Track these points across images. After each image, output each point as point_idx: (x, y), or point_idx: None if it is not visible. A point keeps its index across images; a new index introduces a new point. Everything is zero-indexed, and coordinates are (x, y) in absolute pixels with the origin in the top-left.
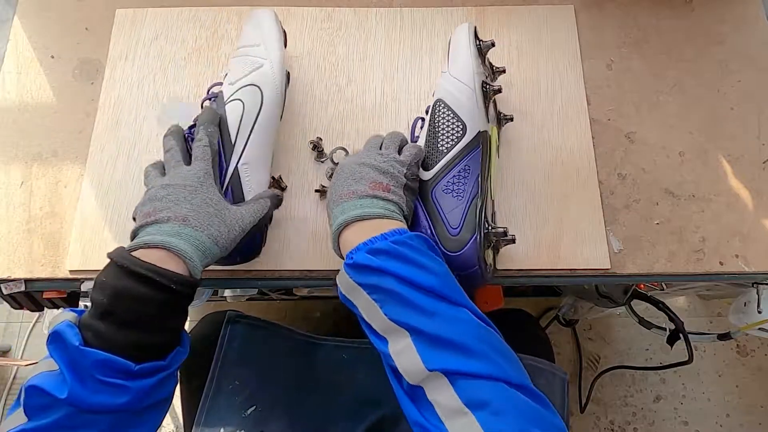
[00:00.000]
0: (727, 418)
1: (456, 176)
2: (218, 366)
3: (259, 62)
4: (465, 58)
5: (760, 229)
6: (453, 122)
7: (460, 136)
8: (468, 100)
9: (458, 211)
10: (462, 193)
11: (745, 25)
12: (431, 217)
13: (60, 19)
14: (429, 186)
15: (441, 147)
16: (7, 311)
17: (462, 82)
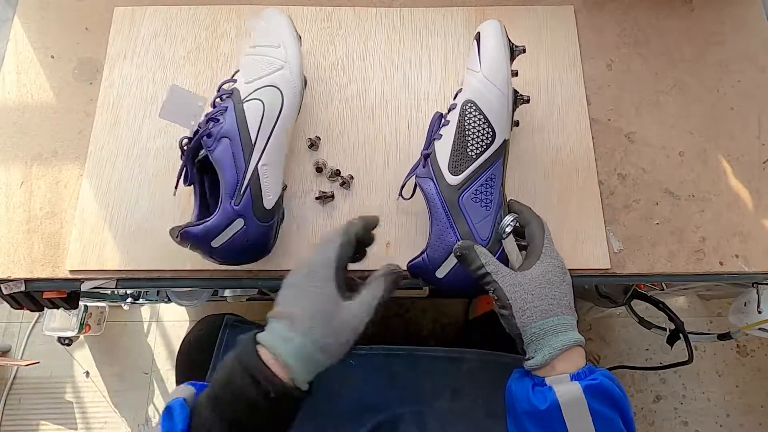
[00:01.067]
0: (727, 418)
1: (484, 185)
2: (214, 371)
3: (279, 64)
4: (500, 61)
5: (760, 229)
6: (483, 127)
7: (489, 142)
8: (500, 106)
9: (487, 222)
10: (490, 203)
11: (745, 26)
12: (458, 226)
13: (60, 19)
14: (456, 191)
15: (470, 152)
16: (7, 311)
17: (495, 85)
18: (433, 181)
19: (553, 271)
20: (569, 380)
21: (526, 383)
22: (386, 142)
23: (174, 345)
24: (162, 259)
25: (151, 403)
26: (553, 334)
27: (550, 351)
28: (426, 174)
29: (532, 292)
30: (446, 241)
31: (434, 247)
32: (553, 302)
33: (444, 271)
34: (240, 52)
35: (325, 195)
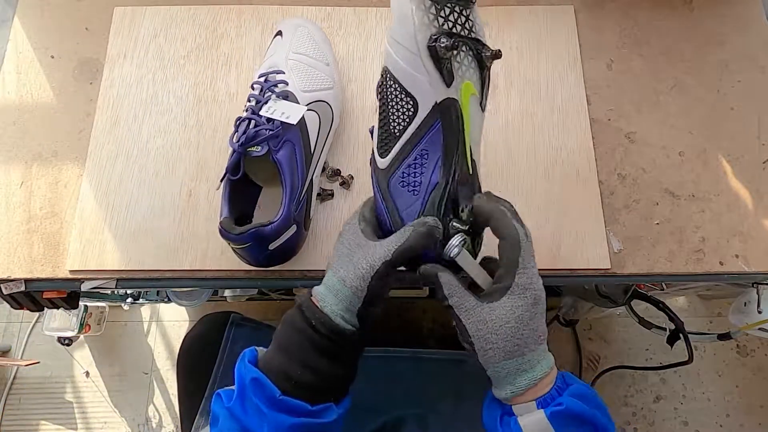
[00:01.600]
0: (727, 418)
1: (411, 165)
2: (221, 368)
3: (330, 82)
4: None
5: (760, 229)
6: (401, 97)
7: (412, 114)
8: (413, 68)
9: (414, 209)
10: (417, 186)
11: (745, 26)
12: (389, 214)
13: (60, 19)
14: (386, 175)
15: (394, 129)
16: (7, 311)
17: (403, 45)
18: (371, 164)
19: (524, 306)
20: (535, 408)
21: (494, 411)
22: None
23: (174, 345)
24: (162, 259)
25: (151, 403)
26: (516, 374)
27: (512, 390)
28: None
29: (497, 332)
30: (384, 231)
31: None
32: (519, 342)
33: None
34: (269, 49)
35: (325, 192)
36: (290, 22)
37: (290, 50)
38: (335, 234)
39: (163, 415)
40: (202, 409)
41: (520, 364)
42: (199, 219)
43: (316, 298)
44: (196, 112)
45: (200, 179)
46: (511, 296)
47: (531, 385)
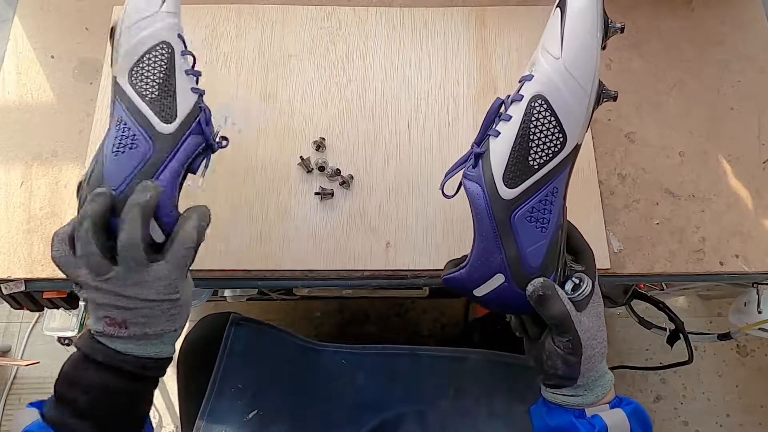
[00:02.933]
0: (727, 418)
1: (542, 201)
2: (221, 368)
3: None
4: (589, 48)
5: (760, 229)
6: (553, 131)
7: (558, 150)
8: (579, 106)
9: (540, 247)
10: (546, 224)
11: (745, 26)
12: (506, 248)
13: (60, 19)
14: (509, 207)
15: (532, 161)
16: (7, 311)
17: (578, 80)
18: (483, 190)
19: (601, 308)
20: (609, 409)
21: (565, 415)
22: (386, 142)
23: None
24: None
25: None
26: (603, 376)
27: (602, 391)
28: (475, 177)
29: (595, 337)
30: (490, 262)
31: (476, 265)
32: (603, 343)
33: (484, 291)
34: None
35: (324, 192)
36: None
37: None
38: (336, 234)
39: (163, 415)
40: (202, 410)
41: (603, 367)
42: None
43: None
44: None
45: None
46: (594, 303)
47: (610, 386)
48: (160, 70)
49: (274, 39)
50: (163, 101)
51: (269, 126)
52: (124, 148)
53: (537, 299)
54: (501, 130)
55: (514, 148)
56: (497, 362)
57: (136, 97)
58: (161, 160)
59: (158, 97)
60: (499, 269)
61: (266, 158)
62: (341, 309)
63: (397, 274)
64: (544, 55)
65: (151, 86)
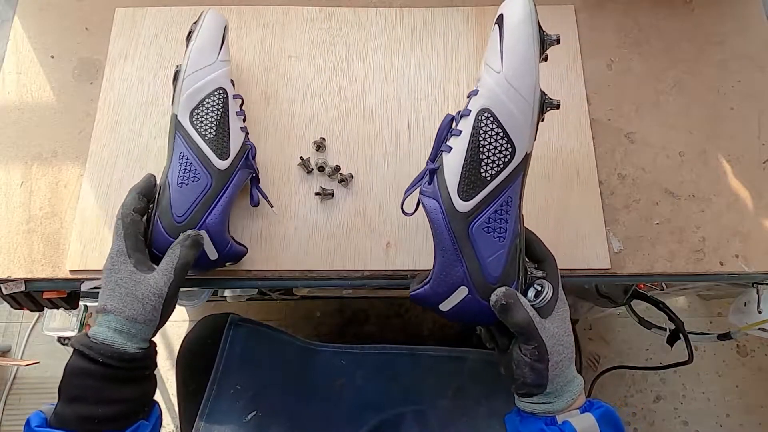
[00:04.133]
0: (727, 418)
1: (498, 211)
2: (220, 369)
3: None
4: (527, 60)
5: (760, 229)
6: (501, 142)
7: (508, 160)
8: (523, 117)
9: (499, 256)
10: (503, 233)
11: (745, 25)
12: (466, 260)
13: (60, 19)
14: (466, 220)
15: (484, 173)
16: (7, 311)
17: (519, 92)
18: (440, 205)
19: (567, 313)
20: (579, 414)
21: (537, 423)
22: (386, 142)
23: (174, 345)
24: None
25: None
26: (572, 382)
27: (571, 396)
28: (431, 193)
29: (561, 342)
30: (453, 275)
31: (439, 279)
32: (570, 348)
33: (449, 305)
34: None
35: (324, 192)
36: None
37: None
38: (336, 234)
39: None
40: (201, 411)
41: (571, 372)
42: None
43: (104, 341)
44: None
45: None
46: (559, 309)
47: (580, 391)
48: (217, 112)
49: (275, 40)
50: (219, 140)
51: (269, 126)
52: (188, 180)
53: (500, 308)
54: (452, 145)
55: (466, 161)
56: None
57: (197, 136)
58: (218, 192)
59: (215, 137)
60: (461, 282)
61: (266, 158)
62: (341, 309)
63: (397, 274)
64: (487, 71)
65: (210, 127)
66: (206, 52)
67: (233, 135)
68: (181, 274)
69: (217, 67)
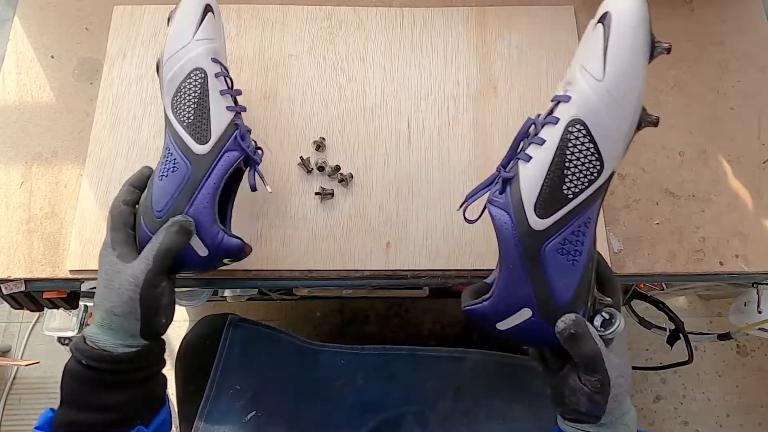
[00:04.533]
0: (727, 418)
1: (575, 232)
2: (219, 369)
3: None
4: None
5: (760, 229)
6: (590, 158)
7: (594, 178)
8: (619, 133)
9: (571, 281)
10: (578, 257)
11: (745, 25)
12: (534, 282)
13: (60, 19)
14: (540, 239)
15: (566, 190)
16: (7, 311)
17: (621, 106)
18: (511, 218)
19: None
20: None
21: None
22: (386, 142)
23: (174, 345)
24: None
25: None
26: (628, 412)
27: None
28: (503, 204)
29: (623, 375)
30: (517, 296)
31: (501, 298)
32: (629, 379)
33: (508, 325)
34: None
35: (325, 191)
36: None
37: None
38: (336, 234)
39: None
40: (200, 411)
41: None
42: None
43: (90, 339)
44: None
45: None
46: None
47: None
48: (195, 94)
49: (275, 39)
50: (198, 124)
51: (269, 126)
52: (167, 172)
53: (568, 337)
54: (533, 154)
55: (548, 176)
56: (496, 362)
57: (176, 124)
58: (199, 180)
59: (194, 121)
60: (526, 303)
61: (266, 158)
62: (341, 309)
63: (397, 274)
64: (584, 75)
65: (187, 111)
66: (181, 34)
67: (215, 117)
68: (160, 260)
69: (194, 47)
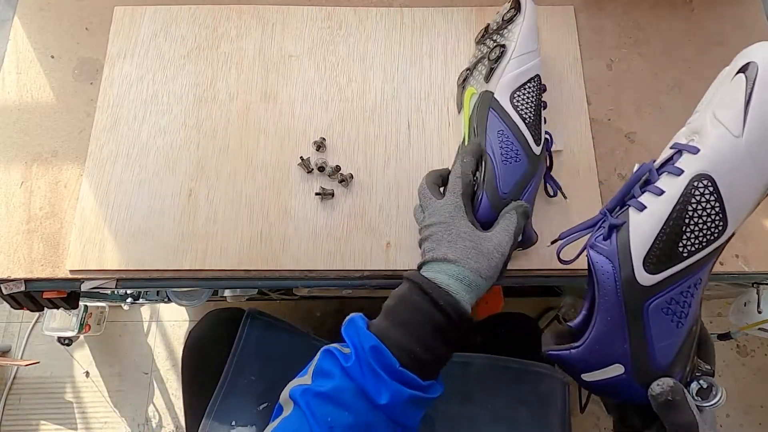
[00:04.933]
0: (727, 418)
1: (684, 293)
2: (235, 360)
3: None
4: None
5: (760, 229)
6: (714, 218)
7: (713, 239)
8: (751, 193)
9: (673, 344)
10: (684, 319)
11: (745, 26)
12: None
13: (60, 19)
14: (644, 295)
15: (682, 247)
16: (7, 311)
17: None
18: (615, 268)
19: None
20: None
21: None
22: (386, 142)
23: (174, 345)
24: (162, 259)
25: (151, 403)
26: None
27: None
28: (606, 251)
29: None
30: (612, 350)
31: (594, 349)
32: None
33: (595, 377)
34: None
35: (325, 191)
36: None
37: (233, 49)
38: (336, 234)
39: (163, 415)
40: (209, 408)
41: None
42: (199, 219)
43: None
44: (196, 112)
45: (200, 179)
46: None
47: None
48: (535, 98)
49: (275, 39)
50: (536, 126)
51: (269, 126)
52: (510, 160)
53: (664, 403)
54: (648, 203)
55: (664, 229)
56: (501, 366)
57: (517, 118)
58: (531, 175)
59: (533, 122)
60: (620, 360)
61: (266, 158)
62: (341, 309)
63: (397, 274)
64: (716, 128)
65: (530, 111)
66: (531, 38)
67: (542, 123)
68: (516, 237)
69: (537, 55)
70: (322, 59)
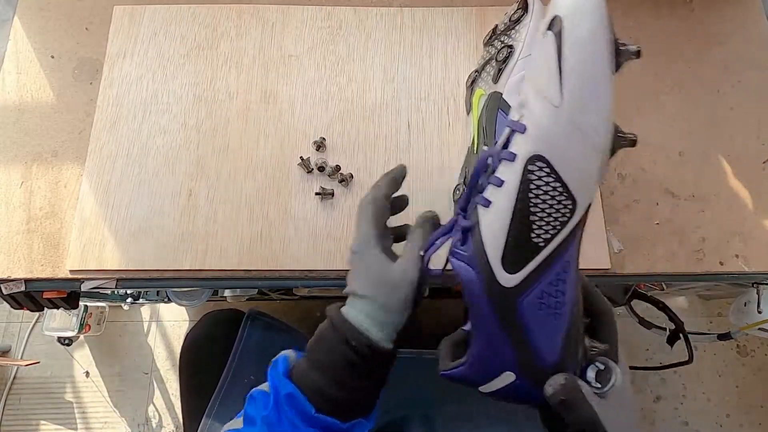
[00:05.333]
0: (727, 418)
1: (553, 282)
2: (235, 360)
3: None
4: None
5: (760, 229)
6: (558, 199)
7: (566, 220)
8: (588, 163)
9: (556, 336)
10: (561, 308)
11: (745, 26)
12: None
13: (60, 19)
14: (513, 296)
15: (535, 238)
16: (7, 311)
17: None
18: (478, 275)
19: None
20: None
21: None
22: (386, 142)
23: (174, 345)
24: (162, 259)
25: (151, 403)
26: None
27: None
28: (466, 257)
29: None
30: (497, 359)
31: (479, 362)
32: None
33: (492, 388)
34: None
35: (325, 191)
36: None
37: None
38: (336, 234)
39: (163, 415)
40: (209, 409)
41: None
42: (199, 219)
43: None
44: (196, 112)
45: (200, 179)
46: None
47: None
48: None
49: (275, 39)
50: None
51: (269, 126)
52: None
53: (559, 404)
54: (492, 198)
55: (513, 224)
56: None
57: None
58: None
59: None
60: (507, 367)
61: (266, 158)
62: None
63: None
64: (538, 99)
65: None
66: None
67: None
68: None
69: None
70: (322, 59)
